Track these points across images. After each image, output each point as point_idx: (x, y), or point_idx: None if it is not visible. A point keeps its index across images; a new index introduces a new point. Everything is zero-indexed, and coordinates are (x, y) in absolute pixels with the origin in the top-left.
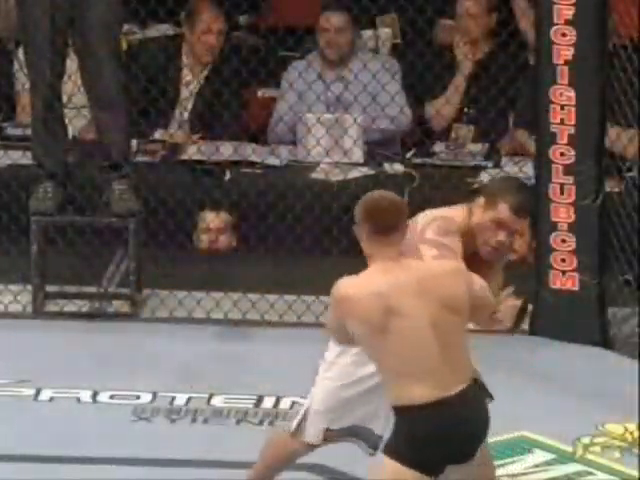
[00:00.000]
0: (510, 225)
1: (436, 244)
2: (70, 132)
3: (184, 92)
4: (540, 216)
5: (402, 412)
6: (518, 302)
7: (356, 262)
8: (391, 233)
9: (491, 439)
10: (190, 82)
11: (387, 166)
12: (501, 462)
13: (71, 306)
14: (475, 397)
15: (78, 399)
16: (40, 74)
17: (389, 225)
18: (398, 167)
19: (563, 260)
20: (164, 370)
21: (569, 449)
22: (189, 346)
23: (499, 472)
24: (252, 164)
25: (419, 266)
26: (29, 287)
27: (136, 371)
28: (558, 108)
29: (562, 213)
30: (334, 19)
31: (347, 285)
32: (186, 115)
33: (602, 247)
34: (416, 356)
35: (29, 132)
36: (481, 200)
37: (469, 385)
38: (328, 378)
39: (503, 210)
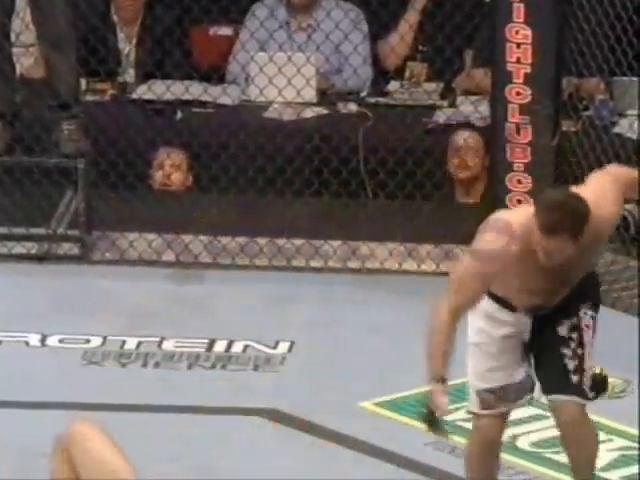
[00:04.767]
0: (539, 241)
1: None
2: (17, 70)
3: (124, 47)
4: (496, 157)
5: None
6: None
7: (307, 202)
8: None
9: (451, 382)
10: (125, 39)
11: (341, 105)
12: (462, 404)
13: (19, 248)
14: None
15: (27, 343)
16: None
17: None
18: (352, 106)
19: (519, 201)
20: (114, 313)
21: None
22: (140, 289)
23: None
24: (204, 104)
25: None
26: None
27: (86, 314)
28: (514, 46)
29: (518, 153)
30: None
31: None
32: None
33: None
34: None
35: None
36: None
37: None
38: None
39: (535, 228)
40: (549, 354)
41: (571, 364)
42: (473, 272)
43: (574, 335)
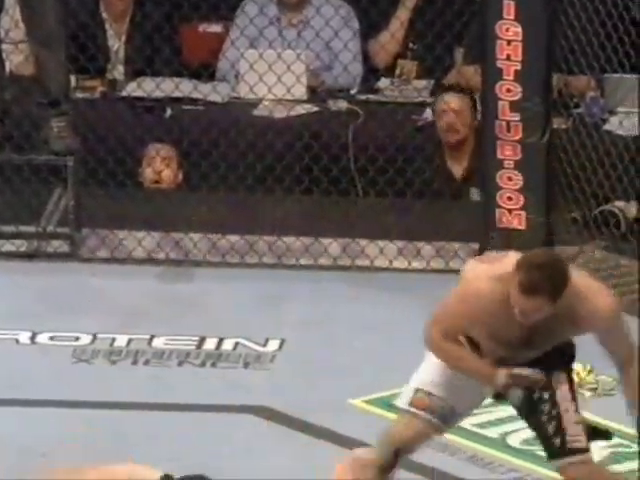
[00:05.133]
0: (517, 300)
1: None
2: (7, 67)
3: (113, 43)
4: (486, 154)
5: None
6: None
7: (298, 200)
8: None
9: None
10: (114, 36)
11: (331, 103)
12: None
13: (9, 246)
14: None
15: (17, 340)
16: None
17: None
18: (342, 104)
19: (510, 198)
20: (104, 311)
21: None
22: (130, 287)
23: None
24: (193, 101)
25: None
26: None
27: (76, 312)
28: (504, 44)
29: (508, 150)
30: None
31: None
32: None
33: (549, 185)
34: None
35: None
36: None
37: None
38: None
39: (513, 285)
40: (532, 424)
41: (550, 428)
42: (458, 296)
43: (545, 395)
